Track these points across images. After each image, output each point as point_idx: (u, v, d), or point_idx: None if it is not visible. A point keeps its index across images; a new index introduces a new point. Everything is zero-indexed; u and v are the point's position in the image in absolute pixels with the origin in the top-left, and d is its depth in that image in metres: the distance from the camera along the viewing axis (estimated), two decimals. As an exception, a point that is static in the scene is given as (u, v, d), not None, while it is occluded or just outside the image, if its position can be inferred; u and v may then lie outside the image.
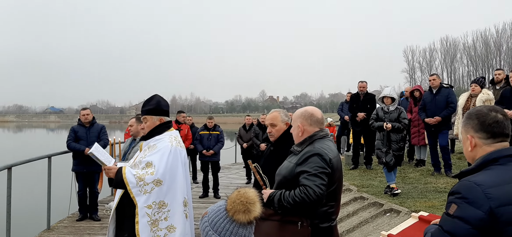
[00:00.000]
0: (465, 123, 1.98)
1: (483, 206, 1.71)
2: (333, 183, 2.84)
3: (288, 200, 2.72)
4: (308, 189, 2.67)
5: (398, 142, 6.78)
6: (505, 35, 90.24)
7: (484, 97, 7.71)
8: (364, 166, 9.91)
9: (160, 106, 3.68)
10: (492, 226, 1.70)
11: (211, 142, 9.51)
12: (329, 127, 17.31)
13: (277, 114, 3.48)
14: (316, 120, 2.99)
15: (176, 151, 3.51)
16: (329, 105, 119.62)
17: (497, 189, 1.73)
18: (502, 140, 1.91)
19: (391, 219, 5.64)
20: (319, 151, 2.80)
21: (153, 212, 3.34)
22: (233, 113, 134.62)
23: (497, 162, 1.84)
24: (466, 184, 1.79)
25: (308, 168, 2.75)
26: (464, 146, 2.00)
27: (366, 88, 9.95)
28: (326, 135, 3.00)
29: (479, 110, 1.97)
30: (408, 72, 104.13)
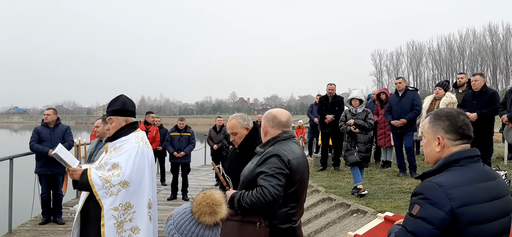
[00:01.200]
0: (433, 124, 1.99)
1: (445, 207, 1.75)
2: (293, 184, 2.87)
3: (246, 200, 2.78)
4: (264, 190, 2.72)
5: (365, 144, 6.90)
6: (468, 40, 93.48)
7: (448, 100, 7.95)
8: (333, 167, 10.04)
9: (126, 106, 3.62)
10: (453, 226, 1.75)
11: (182, 144, 9.43)
12: (299, 129, 17.48)
13: (235, 122, 3.46)
14: (278, 123, 3.02)
15: (143, 152, 3.47)
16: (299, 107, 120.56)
17: (458, 190, 1.78)
18: (467, 142, 1.97)
19: (357, 220, 5.74)
20: (277, 152, 2.83)
21: (119, 214, 3.30)
22: (203, 115, 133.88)
23: (458, 163, 1.89)
24: (428, 185, 1.84)
25: (265, 168, 2.80)
26: (430, 146, 2.00)
27: (334, 91, 10.08)
28: (290, 137, 3.02)
29: (449, 111, 2.00)
30: (375, 75, 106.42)
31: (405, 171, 8.50)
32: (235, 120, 3.46)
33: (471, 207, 1.78)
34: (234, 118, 3.49)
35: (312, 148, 14.19)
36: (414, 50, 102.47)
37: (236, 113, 3.67)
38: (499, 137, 12.52)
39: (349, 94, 7.51)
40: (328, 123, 9.74)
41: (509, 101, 6.54)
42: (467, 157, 1.90)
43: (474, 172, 1.87)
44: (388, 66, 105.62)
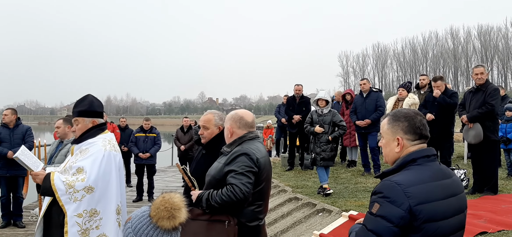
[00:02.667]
0: (393, 125, 2.04)
1: (404, 205, 1.80)
2: (260, 182, 2.92)
3: (216, 199, 2.78)
4: (235, 188, 2.74)
5: (331, 143, 7.00)
6: (431, 42, 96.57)
7: (410, 101, 8.17)
8: (300, 167, 10.13)
9: (93, 107, 3.47)
10: (411, 224, 1.80)
11: (147, 145, 9.31)
12: (268, 129, 17.54)
13: (211, 117, 3.45)
14: (245, 123, 3.07)
15: (110, 156, 3.31)
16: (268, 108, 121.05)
17: (416, 188, 1.84)
18: (424, 142, 2.03)
19: (323, 219, 5.82)
20: (246, 150, 2.88)
21: (83, 221, 3.14)
22: (171, 115, 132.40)
23: (415, 162, 1.95)
24: (387, 184, 1.88)
25: (235, 167, 2.82)
26: (389, 147, 2.05)
27: (301, 91, 10.18)
28: (255, 137, 3.08)
29: (407, 112, 2.06)
30: (342, 76, 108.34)
31: (370, 170, 8.69)
32: (211, 115, 3.47)
33: (428, 204, 1.83)
34: (211, 113, 3.50)
35: (279, 148, 14.28)
36: (379, 52, 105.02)
37: (214, 110, 3.63)
38: (460, 137, 12.95)
39: (316, 95, 7.60)
40: (295, 123, 9.82)
41: (468, 101, 6.77)
42: (424, 156, 1.96)
43: (430, 170, 1.93)
44: (355, 68, 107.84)
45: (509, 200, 6.09)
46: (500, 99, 7.13)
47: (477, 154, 6.71)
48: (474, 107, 6.57)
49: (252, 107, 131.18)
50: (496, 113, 6.57)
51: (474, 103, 6.61)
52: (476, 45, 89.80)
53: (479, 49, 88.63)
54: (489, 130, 6.45)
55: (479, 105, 6.50)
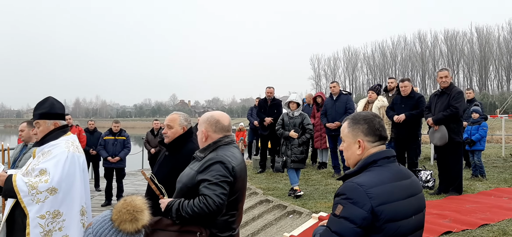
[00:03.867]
0: (353, 127, 2.08)
1: (366, 206, 1.84)
2: (235, 192, 2.75)
3: (187, 210, 2.60)
4: (208, 199, 2.58)
5: (302, 146, 7.05)
6: (399, 46, 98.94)
7: (379, 103, 8.33)
8: (271, 169, 10.15)
9: (54, 109, 3.44)
10: (373, 224, 1.84)
11: (116, 148, 9.14)
12: (240, 131, 17.55)
13: (176, 117, 3.40)
14: (221, 127, 2.89)
15: (73, 157, 3.30)
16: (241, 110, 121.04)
17: (377, 189, 1.88)
18: (383, 143, 2.07)
19: (293, 221, 5.85)
20: (222, 159, 2.70)
21: (46, 223, 3.11)
22: (142, 117, 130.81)
23: (376, 164, 1.99)
24: (350, 186, 1.92)
25: (209, 176, 2.65)
26: (350, 150, 2.08)
27: (273, 94, 10.23)
28: (231, 142, 2.91)
29: (365, 115, 2.10)
30: (314, 79, 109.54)
31: (340, 172, 8.81)
32: (177, 115, 3.40)
33: (389, 205, 1.88)
34: (177, 114, 3.43)
35: (252, 151, 14.29)
36: (350, 55, 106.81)
37: (180, 112, 3.59)
38: (427, 138, 13.30)
39: (288, 97, 7.65)
40: (267, 125, 9.86)
41: (434, 104, 6.95)
42: (384, 157, 2.00)
43: (390, 171, 1.98)
44: (326, 71, 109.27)
45: (473, 200, 6.28)
46: (464, 102, 7.35)
47: (442, 155, 6.89)
48: (439, 110, 6.75)
49: (225, 110, 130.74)
50: (460, 116, 6.77)
51: (439, 106, 6.80)
52: (443, 49, 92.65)
53: (446, 53, 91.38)
54: (454, 132, 6.63)
55: (444, 107, 6.68)
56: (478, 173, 8.28)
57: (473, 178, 8.18)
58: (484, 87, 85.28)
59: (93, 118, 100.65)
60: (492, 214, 5.26)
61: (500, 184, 7.56)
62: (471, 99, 10.07)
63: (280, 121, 7.37)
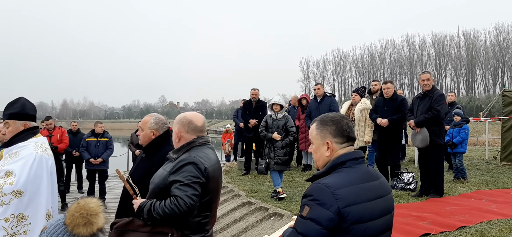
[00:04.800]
0: (321, 129, 2.06)
1: (332, 207, 1.82)
2: (207, 193, 2.73)
3: (158, 211, 2.58)
4: (179, 200, 2.55)
5: (285, 148, 7.04)
6: (388, 50, 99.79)
7: (362, 106, 8.36)
8: (256, 171, 10.13)
9: (25, 110, 3.37)
10: (340, 225, 1.82)
11: (99, 150, 9.05)
12: (227, 133, 17.51)
13: (148, 119, 3.34)
14: (194, 128, 2.85)
15: (41, 160, 3.22)
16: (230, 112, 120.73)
17: (344, 190, 1.86)
18: (351, 144, 2.06)
19: (274, 223, 5.83)
20: (194, 159, 2.67)
21: (10, 226, 3.02)
22: (131, 119, 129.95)
23: (344, 165, 1.98)
24: (317, 187, 1.90)
25: (181, 177, 2.62)
26: (319, 152, 2.07)
27: (258, 95, 10.21)
28: (205, 143, 2.88)
29: (333, 116, 2.09)
30: (303, 81, 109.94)
31: (324, 174, 8.80)
32: (149, 118, 3.35)
33: (357, 206, 1.86)
34: (150, 116, 3.38)
35: (237, 152, 14.27)
36: (339, 58, 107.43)
37: (156, 114, 3.53)
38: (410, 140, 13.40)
39: (272, 99, 7.64)
40: (251, 127, 9.83)
41: (416, 107, 6.99)
42: (352, 159, 1.99)
43: (358, 172, 1.97)
44: (315, 73, 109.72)
45: (454, 202, 6.32)
46: (446, 105, 7.41)
47: (424, 157, 6.93)
48: (421, 112, 6.79)
49: (214, 111, 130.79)
50: (442, 118, 6.82)
51: (421, 108, 6.84)
52: (430, 52, 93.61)
53: (434, 57, 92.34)
54: (435, 134, 6.68)
55: (425, 110, 6.72)
56: (459, 175, 8.34)
57: (455, 180, 8.24)
58: (471, 90, 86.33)
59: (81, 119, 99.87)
60: (471, 216, 5.29)
61: (481, 187, 7.62)
62: (453, 102, 10.17)
63: (263, 123, 7.35)
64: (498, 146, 15.47)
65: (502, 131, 11.39)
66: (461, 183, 8.00)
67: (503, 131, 11.30)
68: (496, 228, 4.72)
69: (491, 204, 6.06)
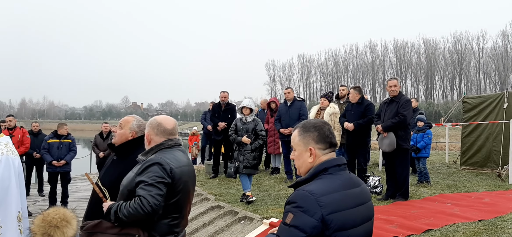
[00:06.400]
0: (304, 136, 2.05)
1: (316, 214, 1.81)
2: (175, 194, 2.73)
3: (123, 212, 2.60)
4: (142, 200, 2.56)
5: (254, 151, 7.03)
6: (351, 55, 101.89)
7: (331, 110, 8.48)
8: (224, 175, 10.08)
9: None
10: (323, 233, 1.82)
11: (62, 151, 8.75)
12: (193, 136, 17.32)
13: (131, 119, 3.29)
14: (163, 130, 2.88)
15: (7, 160, 3.11)
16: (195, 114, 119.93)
17: (328, 197, 1.86)
18: (333, 150, 2.07)
19: (244, 227, 5.80)
20: (159, 160, 2.70)
21: None
22: (92, 120, 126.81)
23: (327, 171, 1.98)
24: (301, 194, 1.89)
25: (145, 177, 2.64)
26: (302, 158, 2.06)
27: (227, 98, 10.16)
28: (175, 145, 2.90)
29: (315, 122, 2.09)
30: (269, 84, 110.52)
31: (292, 177, 8.87)
32: (132, 118, 3.32)
33: (340, 213, 1.86)
34: (133, 117, 3.35)
35: (205, 155, 14.15)
36: (304, 63, 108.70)
37: (139, 117, 3.45)
38: (376, 145, 13.70)
39: (241, 102, 7.61)
40: (220, 130, 9.77)
41: (383, 112, 7.16)
42: (335, 165, 1.99)
43: (341, 179, 1.97)
44: (281, 77, 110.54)
45: (419, 205, 6.49)
46: (412, 110, 7.62)
47: (390, 162, 7.10)
48: (388, 117, 6.95)
49: (179, 113, 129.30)
50: (408, 123, 7.01)
51: (388, 113, 7.00)
52: (392, 59, 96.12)
53: (395, 63, 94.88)
54: (401, 139, 6.85)
55: (392, 115, 6.89)
56: (423, 179, 8.59)
57: (418, 184, 8.48)
58: (430, 96, 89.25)
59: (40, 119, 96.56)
60: (436, 220, 5.45)
61: (443, 190, 7.87)
62: (415, 108, 10.47)
63: (233, 126, 7.31)
64: (457, 151, 16.09)
65: (462, 136, 11.82)
66: (425, 187, 8.24)
67: (463, 136, 11.73)
68: (460, 232, 4.87)
69: (454, 207, 6.26)
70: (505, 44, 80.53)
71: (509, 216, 5.57)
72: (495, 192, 7.78)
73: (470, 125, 11.45)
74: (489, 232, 4.82)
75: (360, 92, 7.99)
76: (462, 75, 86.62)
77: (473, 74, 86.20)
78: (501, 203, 6.56)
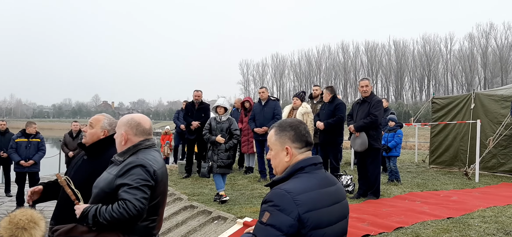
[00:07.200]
0: (280, 135, 2.06)
1: (293, 213, 1.82)
2: (156, 196, 2.66)
3: (105, 216, 2.48)
4: (128, 204, 2.47)
5: (228, 151, 7.01)
6: (324, 56, 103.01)
7: (303, 110, 8.55)
8: (197, 174, 10.01)
9: None
10: (299, 231, 1.83)
11: (30, 151, 8.51)
12: (166, 135, 17.13)
13: (101, 118, 3.21)
14: (142, 130, 2.79)
15: None
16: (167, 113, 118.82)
17: (304, 196, 1.87)
18: (309, 149, 2.08)
19: (218, 227, 5.78)
20: (143, 162, 2.61)
21: None
22: (61, 118, 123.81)
23: (303, 170, 1.99)
24: (277, 192, 1.89)
25: (129, 180, 2.54)
26: (278, 157, 2.06)
27: (201, 97, 10.10)
28: (152, 145, 2.83)
29: (291, 122, 2.10)
30: (243, 84, 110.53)
31: (266, 177, 8.90)
32: (102, 116, 3.23)
33: (316, 212, 1.88)
34: (103, 115, 3.26)
35: (177, 155, 14.03)
36: (277, 62, 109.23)
37: (109, 115, 3.37)
38: (348, 144, 13.90)
39: (216, 101, 7.58)
40: (193, 129, 9.71)
41: (355, 112, 7.27)
42: (311, 164, 2.01)
43: (317, 178, 1.99)
44: (255, 76, 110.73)
45: (390, 204, 6.62)
46: (383, 110, 7.77)
47: (362, 161, 7.22)
48: (360, 118, 7.06)
49: (151, 112, 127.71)
50: (379, 123, 7.14)
51: (360, 113, 7.12)
52: (363, 59, 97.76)
53: (366, 64, 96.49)
54: (373, 138, 6.97)
55: (364, 115, 7.00)
56: (393, 178, 8.77)
57: (389, 182, 8.65)
58: (400, 97, 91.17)
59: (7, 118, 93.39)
60: (406, 218, 5.56)
61: (413, 189, 8.06)
62: (386, 108, 10.68)
63: (207, 125, 7.27)
64: (425, 150, 16.49)
65: (431, 136, 12.13)
66: (395, 185, 8.42)
67: (432, 136, 12.04)
68: (430, 229, 4.99)
69: (423, 205, 6.41)
70: (472, 47, 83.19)
71: (476, 214, 5.74)
72: (462, 190, 8.01)
73: (438, 125, 11.76)
74: (457, 229, 4.96)
75: (332, 91, 8.09)
76: (430, 76, 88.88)
77: (441, 76, 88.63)
78: (468, 201, 6.76)
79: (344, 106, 7.98)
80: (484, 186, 8.52)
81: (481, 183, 8.81)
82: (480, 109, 10.54)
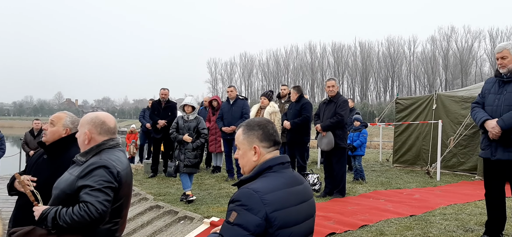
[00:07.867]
0: (248, 134, 2.06)
1: (260, 212, 1.82)
2: (119, 198, 2.59)
3: (65, 218, 2.39)
4: (90, 206, 2.38)
5: (196, 150, 6.95)
6: (292, 56, 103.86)
7: (271, 109, 8.58)
8: (164, 174, 9.88)
9: None
10: (266, 231, 1.83)
11: (-13, 150, 8.16)
12: (131, 134, 16.82)
13: (63, 116, 3.12)
14: (107, 129, 2.70)
15: None
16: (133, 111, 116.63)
17: (272, 195, 1.87)
18: (277, 148, 2.09)
19: (184, 227, 5.72)
20: (106, 163, 2.53)
21: None
22: (22, 116, 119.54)
23: (271, 169, 2.00)
24: (245, 192, 1.89)
25: (91, 182, 2.45)
26: (246, 157, 2.06)
27: (167, 96, 9.98)
28: (116, 145, 2.74)
29: (260, 121, 2.10)
30: (211, 82, 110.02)
31: (233, 176, 8.88)
32: (64, 114, 3.13)
33: (283, 211, 1.88)
34: (65, 113, 3.16)
35: (143, 154, 13.81)
36: (246, 61, 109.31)
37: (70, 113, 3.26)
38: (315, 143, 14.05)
39: (183, 100, 7.49)
40: (160, 128, 9.57)
41: (322, 112, 7.35)
42: (279, 163, 2.02)
43: (285, 177, 2.00)
44: (223, 75, 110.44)
45: (355, 202, 6.74)
46: (349, 110, 7.89)
47: (328, 160, 7.31)
48: (327, 117, 7.15)
49: (116, 111, 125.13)
50: (345, 123, 7.25)
51: (327, 113, 7.20)
52: (330, 60, 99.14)
53: (333, 64, 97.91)
54: (339, 138, 7.08)
55: (331, 115, 7.09)
56: (359, 176, 8.94)
57: (354, 181, 8.81)
58: (365, 97, 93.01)
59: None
60: (371, 216, 5.67)
61: (377, 187, 8.23)
62: (352, 108, 10.86)
63: (174, 124, 7.18)
64: (389, 149, 16.90)
65: (395, 135, 12.42)
66: (360, 184, 8.57)
67: (396, 136, 12.33)
68: (393, 227, 5.11)
69: (387, 203, 6.56)
70: (434, 49, 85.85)
71: (438, 211, 5.92)
72: (424, 188, 8.24)
73: (402, 125, 12.05)
74: (419, 226, 5.10)
75: (298, 91, 8.15)
76: (394, 77, 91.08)
77: (405, 77, 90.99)
78: (430, 199, 6.96)
79: (310, 105, 8.05)
80: (445, 184, 8.79)
81: (442, 182, 9.08)
82: (441, 109, 10.87)
